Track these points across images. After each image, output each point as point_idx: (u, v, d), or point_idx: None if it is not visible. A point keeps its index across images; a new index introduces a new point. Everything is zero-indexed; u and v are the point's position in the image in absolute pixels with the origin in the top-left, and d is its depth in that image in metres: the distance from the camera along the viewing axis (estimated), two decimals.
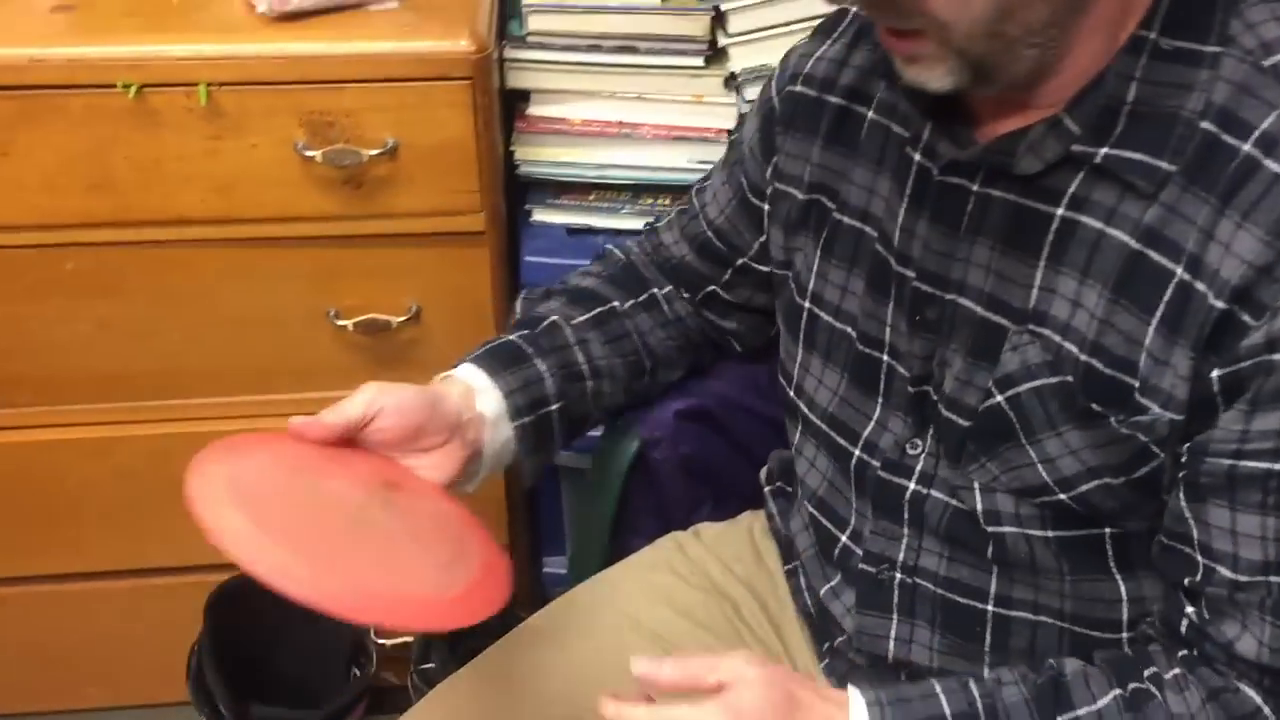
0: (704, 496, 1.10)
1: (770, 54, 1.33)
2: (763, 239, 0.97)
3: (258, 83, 1.19)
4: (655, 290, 1.03)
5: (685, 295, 1.04)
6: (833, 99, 0.89)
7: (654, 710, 0.72)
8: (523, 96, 1.37)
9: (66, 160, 1.21)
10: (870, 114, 0.87)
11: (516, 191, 1.40)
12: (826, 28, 0.94)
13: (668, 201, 1.38)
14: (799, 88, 0.92)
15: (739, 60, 1.33)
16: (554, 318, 0.98)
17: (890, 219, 0.84)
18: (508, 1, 1.36)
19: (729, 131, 1.35)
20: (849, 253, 0.88)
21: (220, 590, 1.39)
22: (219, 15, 1.23)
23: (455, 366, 0.94)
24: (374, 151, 1.22)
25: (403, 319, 1.33)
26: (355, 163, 1.22)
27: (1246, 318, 0.68)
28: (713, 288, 1.03)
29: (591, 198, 1.39)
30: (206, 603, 1.38)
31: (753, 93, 1.33)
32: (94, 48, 1.18)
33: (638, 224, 1.36)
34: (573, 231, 1.37)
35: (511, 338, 0.96)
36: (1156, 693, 0.74)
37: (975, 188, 0.78)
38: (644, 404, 1.05)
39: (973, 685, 0.76)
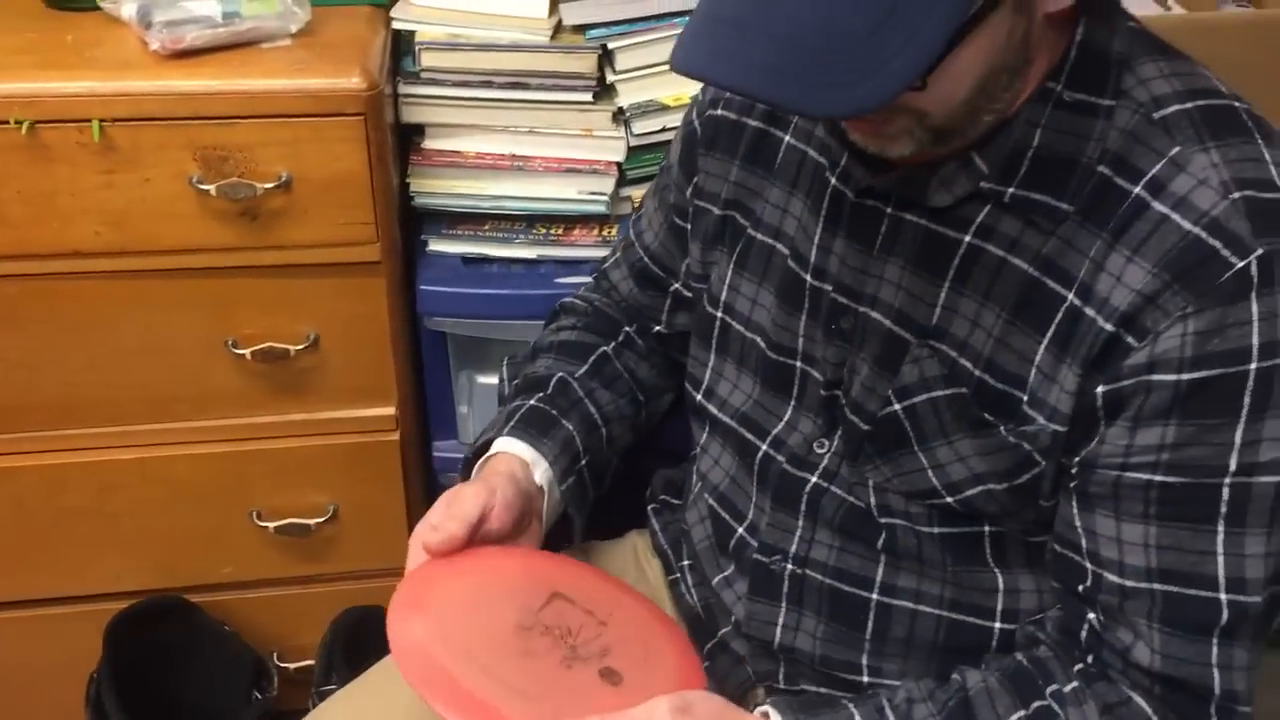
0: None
1: (656, 90, 1.38)
2: (687, 259, 1.02)
3: (151, 119, 1.21)
4: (627, 329, 1.09)
5: (641, 336, 1.09)
6: (751, 122, 0.94)
7: None
8: (418, 130, 1.40)
9: None
10: (787, 138, 0.92)
11: (413, 222, 1.43)
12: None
13: (560, 231, 1.42)
14: (719, 111, 0.97)
15: (626, 96, 1.38)
16: (559, 374, 1.02)
17: (804, 237, 0.89)
18: (401, 39, 1.40)
19: (620, 164, 1.40)
20: (760, 267, 0.93)
21: (119, 617, 1.41)
22: (113, 53, 1.25)
23: (489, 437, 0.98)
24: (268, 185, 1.24)
25: (301, 347, 1.35)
26: (250, 195, 1.25)
27: (1131, 340, 0.74)
28: (658, 327, 1.08)
29: (486, 228, 1.42)
30: (105, 630, 1.38)
31: (641, 126, 1.38)
32: None
33: (531, 253, 1.41)
34: (468, 261, 1.40)
35: (534, 403, 0.99)
36: (1057, 709, 0.79)
37: (889, 211, 0.84)
38: (646, 436, 1.10)
39: (889, 711, 0.81)
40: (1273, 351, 0.71)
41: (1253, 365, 0.71)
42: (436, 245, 1.41)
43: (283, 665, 1.51)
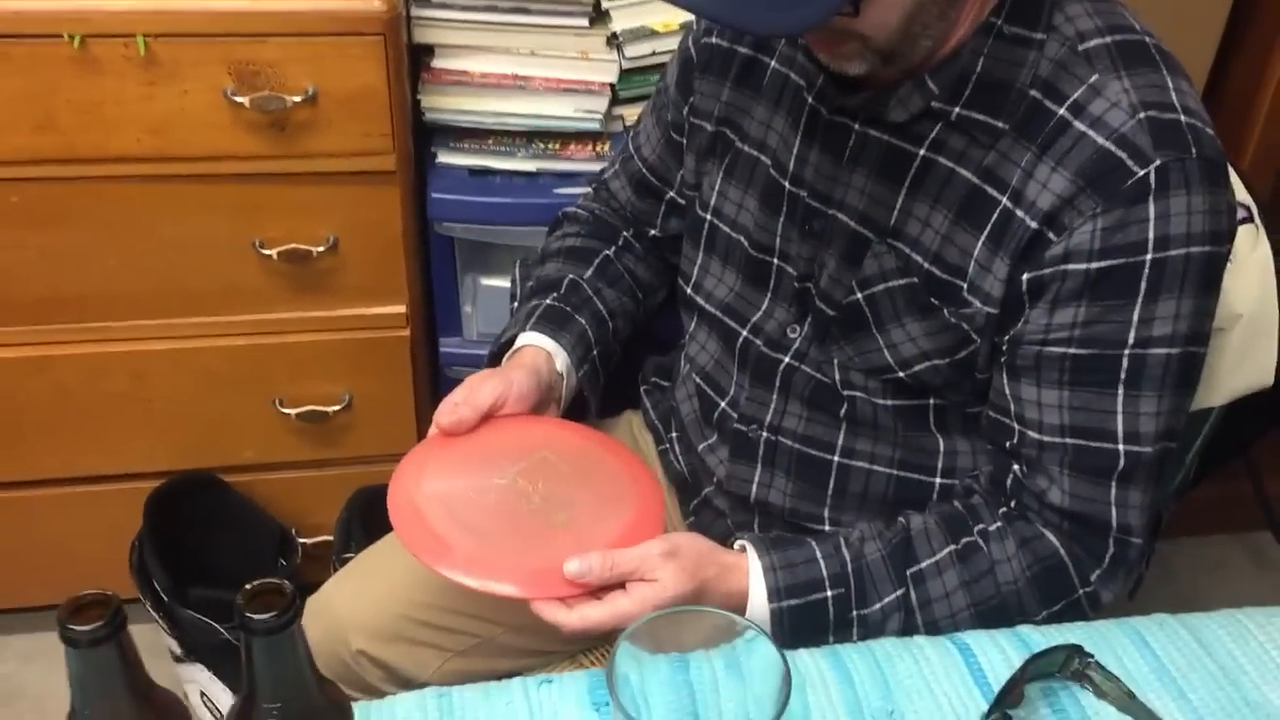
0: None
1: (646, 16, 1.50)
2: (682, 170, 1.16)
3: (190, 35, 1.32)
4: (625, 233, 1.23)
5: (638, 240, 1.23)
6: (742, 49, 1.08)
7: (610, 608, 0.87)
8: (428, 51, 1.52)
9: (12, 103, 1.33)
10: (773, 64, 1.05)
11: (423, 136, 1.55)
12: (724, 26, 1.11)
13: (557, 146, 1.55)
14: (713, 39, 1.10)
15: (619, 22, 1.50)
16: (570, 276, 1.15)
17: (784, 149, 1.03)
18: None
19: (613, 85, 1.53)
20: (746, 176, 1.07)
21: (157, 492, 1.55)
22: None
23: (513, 333, 1.11)
24: (296, 98, 1.37)
25: (322, 249, 1.48)
26: (280, 108, 1.37)
27: (1051, 235, 0.89)
28: (653, 231, 1.21)
29: (490, 142, 1.55)
30: (145, 503, 1.53)
31: (633, 50, 1.51)
32: (42, 2, 1.30)
33: (532, 166, 1.53)
34: (474, 172, 1.53)
35: (550, 302, 1.12)
36: (982, 544, 0.95)
37: (856, 127, 0.98)
38: (643, 328, 1.24)
39: (844, 548, 0.96)
40: (1165, 244, 0.87)
41: (1148, 256, 0.87)
42: (445, 158, 1.54)
43: (302, 541, 1.67)
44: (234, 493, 1.61)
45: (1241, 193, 1.14)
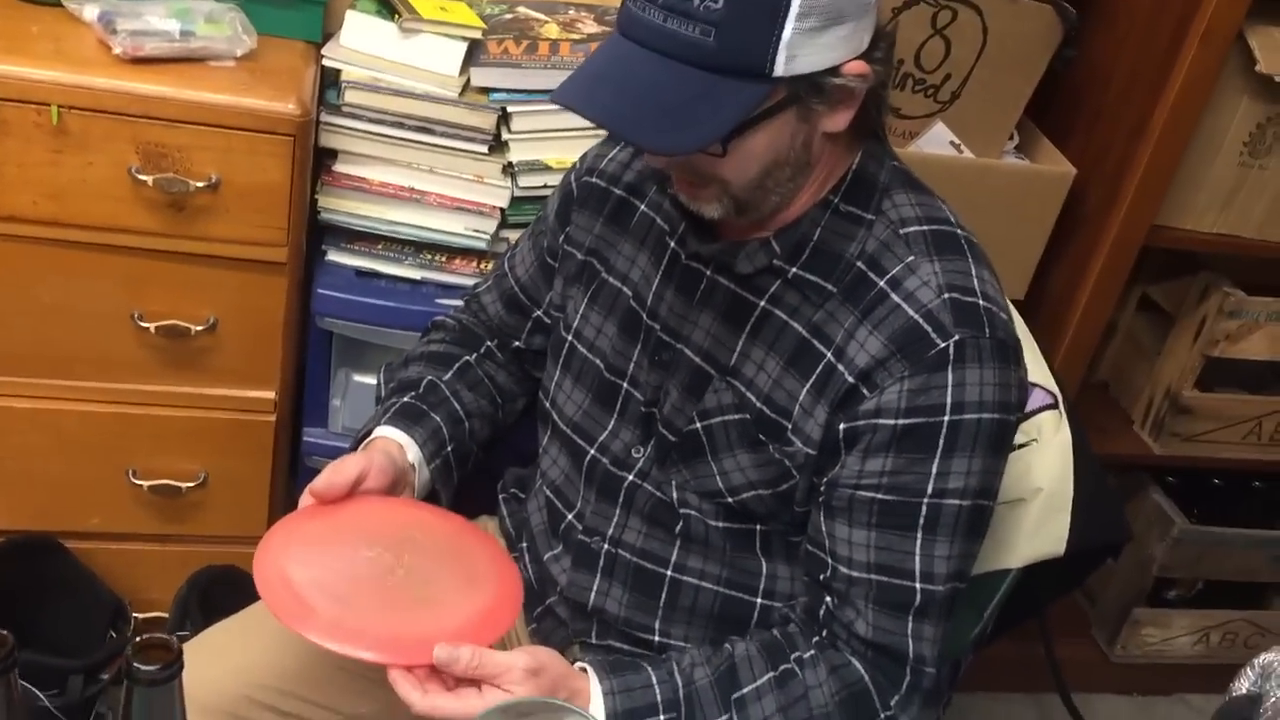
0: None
1: (543, 151, 1.62)
2: (550, 293, 1.25)
3: (105, 111, 1.38)
4: (488, 343, 1.31)
5: (501, 350, 1.31)
6: (616, 190, 1.20)
7: (462, 703, 0.94)
8: (331, 154, 1.60)
9: None
10: (642, 207, 1.18)
11: (316, 232, 1.62)
12: (615, 138, 1.24)
13: (444, 259, 1.64)
14: (592, 179, 1.22)
15: (517, 153, 1.61)
16: (429, 377, 1.24)
17: (645, 284, 1.14)
18: (328, 73, 1.60)
19: (503, 209, 1.63)
20: (609, 303, 1.17)
21: None
22: (75, 49, 1.41)
23: (370, 427, 1.19)
24: (199, 183, 1.42)
25: (200, 328, 1.52)
26: (182, 190, 1.42)
27: (865, 391, 1.02)
28: (518, 343, 1.30)
29: (379, 247, 1.62)
30: None
31: (526, 180, 1.61)
32: None
33: (417, 274, 1.62)
34: (361, 273, 1.60)
35: (407, 400, 1.21)
36: (797, 670, 1.04)
37: (708, 273, 1.10)
38: (503, 434, 1.32)
39: (676, 674, 1.05)
40: (961, 409, 1.00)
41: (946, 418, 1.00)
42: (335, 256, 1.61)
43: (136, 615, 1.65)
44: (73, 559, 1.60)
45: (1050, 382, 1.30)
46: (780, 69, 0.93)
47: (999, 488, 1.07)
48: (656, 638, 1.15)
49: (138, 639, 0.67)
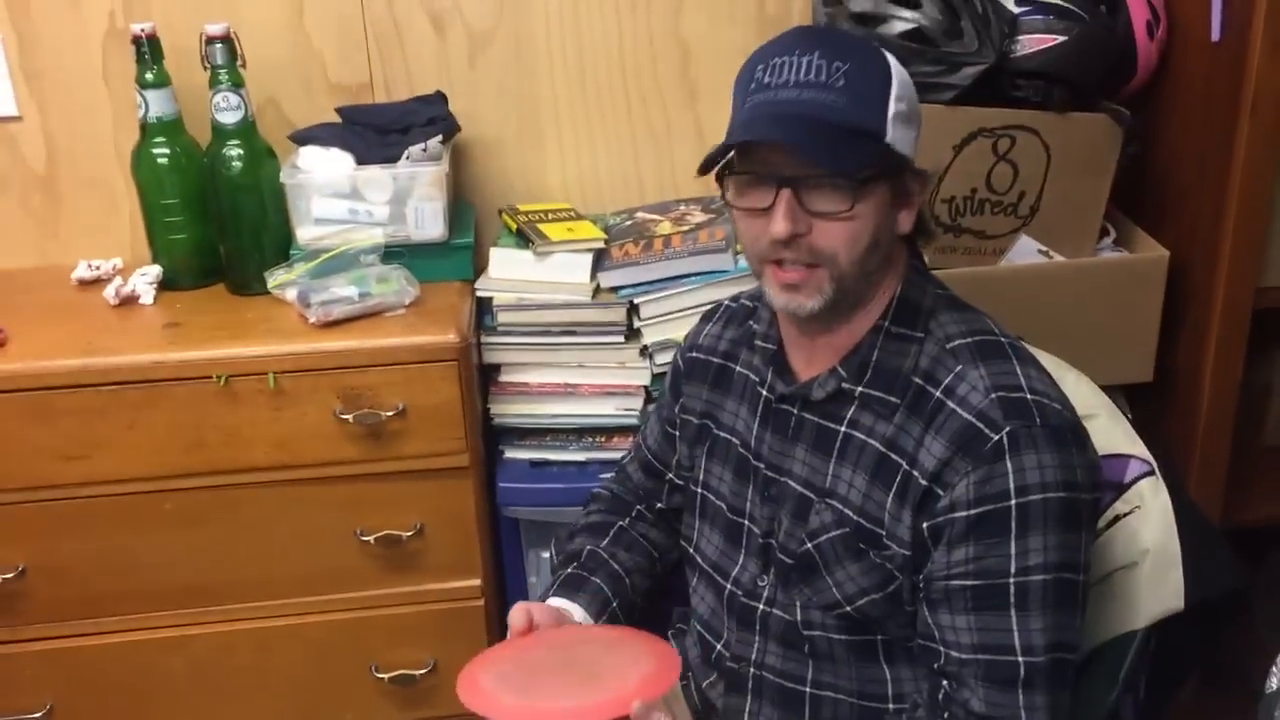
0: None
1: (670, 331, 1.84)
2: (677, 455, 1.45)
3: (309, 370, 1.68)
4: (638, 506, 1.51)
5: (649, 511, 1.51)
6: (715, 360, 1.39)
7: None
8: (495, 368, 1.88)
9: (170, 430, 1.69)
10: (737, 368, 1.36)
11: (492, 436, 1.88)
12: (709, 315, 1.44)
13: (603, 439, 1.86)
14: (695, 354, 1.42)
15: (649, 336, 1.84)
16: (589, 547, 1.44)
17: (748, 432, 1.32)
18: (482, 303, 1.88)
19: (646, 387, 1.86)
20: (723, 455, 1.35)
21: None
22: (281, 325, 1.73)
23: (546, 598, 1.37)
24: (389, 413, 1.70)
25: (410, 534, 1.78)
26: (376, 421, 1.71)
27: (939, 491, 1.15)
28: (660, 504, 1.49)
29: (547, 439, 1.86)
30: None
31: (661, 358, 1.84)
32: (194, 352, 1.68)
33: (582, 456, 1.85)
34: (534, 464, 1.84)
35: (571, 570, 1.40)
36: None
37: (795, 411, 1.27)
38: (662, 583, 1.49)
39: None
40: (1025, 492, 1.12)
41: (1012, 501, 1.12)
42: (511, 453, 1.86)
43: None
44: None
45: (1143, 451, 1.39)
46: (889, 135, 1.13)
47: (1086, 561, 1.16)
48: None
49: None
